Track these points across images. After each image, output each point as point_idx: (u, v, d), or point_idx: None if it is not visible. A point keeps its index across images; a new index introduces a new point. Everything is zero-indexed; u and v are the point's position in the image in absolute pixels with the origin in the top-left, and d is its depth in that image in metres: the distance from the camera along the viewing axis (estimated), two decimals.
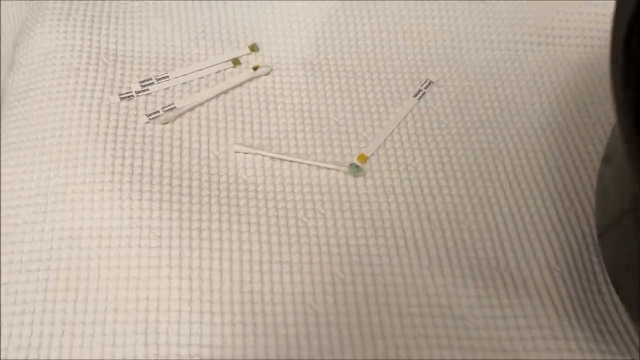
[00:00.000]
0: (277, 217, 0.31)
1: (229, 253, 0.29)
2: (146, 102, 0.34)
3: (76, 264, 0.29)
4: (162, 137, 0.33)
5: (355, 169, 0.33)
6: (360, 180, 0.33)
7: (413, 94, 0.36)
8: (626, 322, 0.29)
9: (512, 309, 0.28)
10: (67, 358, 0.26)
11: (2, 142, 0.34)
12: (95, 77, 0.35)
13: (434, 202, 0.32)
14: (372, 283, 0.29)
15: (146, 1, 0.39)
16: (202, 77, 0.36)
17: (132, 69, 0.36)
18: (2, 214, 0.30)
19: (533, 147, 0.34)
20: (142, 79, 0.35)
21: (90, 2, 0.38)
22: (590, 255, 0.30)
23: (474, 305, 0.29)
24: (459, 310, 0.28)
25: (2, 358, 0.27)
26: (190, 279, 0.29)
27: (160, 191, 0.31)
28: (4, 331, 0.27)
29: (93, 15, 0.37)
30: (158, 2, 0.38)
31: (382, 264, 0.30)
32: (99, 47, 0.36)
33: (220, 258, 0.29)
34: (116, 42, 0.37)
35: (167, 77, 0.35)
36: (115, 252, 0.29)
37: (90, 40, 0.36)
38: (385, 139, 0.34)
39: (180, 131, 0.34)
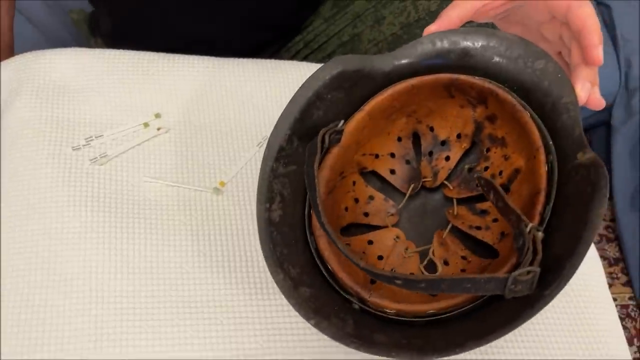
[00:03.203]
0: (167, 219, 0.53)
1: (138, 240, 0.51)
2: (89, 152, 0.56)
3: (47, 249, 0.50)
4: (99, 173, 0.55)
5: (217, 191, 0.55)
6: (220, 197, 0.55)
7: (256, 144, 0.59)
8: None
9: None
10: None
11: (3, 172, 0.54)
12: (56, 136, 0.56)
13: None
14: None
15: (90, 86, 0.60)
16: (124, 135, 0.58)
17: (79, 130, 0.57)
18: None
19: None
20: (86, 137, 0.57)
21: (51, 85, 0.59)
22: None
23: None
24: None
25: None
26: (116, 254, 0.50)
27: (98, 205, 0.52)
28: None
29: (54, 95, 0.59)
30: (95, 86, 0.60)
31: (228, 242, 0.52)
32: (57, 117, 0.57)
33: (133, 242, 0.51)
34: (69, 113, 0.58)
35: (102, 135, 0.57)
36: (71, 241, 0.50)
37: (52, 111, 0.57)
38: (237, 172, 0.57)
39: (110, 169, 0.55)
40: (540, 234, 0.39)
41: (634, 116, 1.22)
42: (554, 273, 0.38)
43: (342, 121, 0.48)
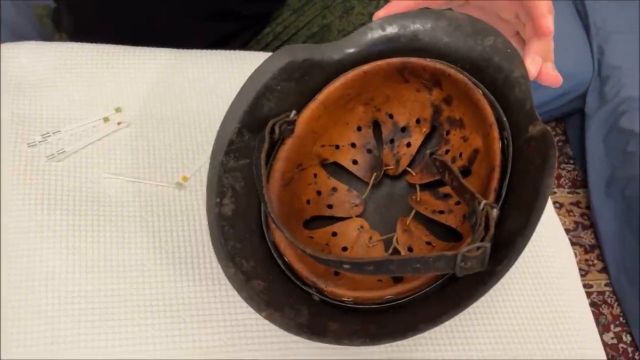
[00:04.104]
0: (128, 216, 0.52)
1: (97, 238, 0.50)
2: (45, 148, 0.54)
3: (3, 250, 0.48)
4: (57, 170, 0.53)
5: (179, 186, 0.54)
6: (182, 192, 0.54)
7: None
8: None
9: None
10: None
11: None
12: (10, 133, 0.54)
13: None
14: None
15: (48, 80, 0.58)
16: (84, 130, 0.56)
17: (35, 126, 0.55)
18: None
19: None
20: (43, 133, 0.55)
21: (7, 80, 0.57)
22: None
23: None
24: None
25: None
26: (74, 254, 0.49)
27: (55, 203, 0.51)
28: None
29: (9, 90, 0.57)
30: (53, 80, 0.58)
31: (191, 238, 0.51)
32: (12, 112, 0.55)
33: (92, 241, 0.49)
34: (24, 108, 0.56)
35: (60, 131, 0.55)
36: (27, 241, 0.49)
37: (7, 106, 0.56)
38: (200, 166, 0.55)
39: (69, 166, 0.53)
40: (494, 211, 0.39)
41: (607, 103, 1.22)
42: (506, 248, 0.38)
43: (294, 112, 0.47)
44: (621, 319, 1.19)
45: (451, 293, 0.40)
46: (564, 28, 1.20)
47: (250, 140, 0.46)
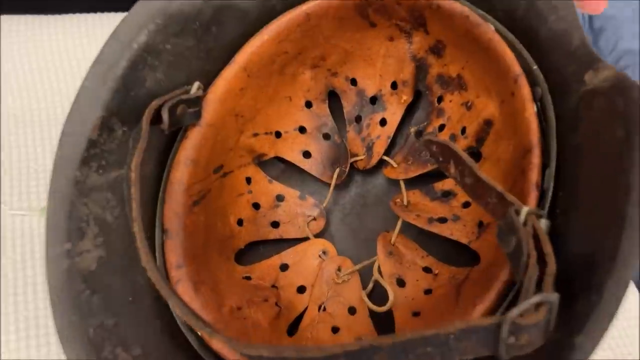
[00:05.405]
0: None
1: None
2: None
3: None
4: None
5: (45, 212, 0.36)
6: None
7: None
8: None
9: None
10: None
11: None
12: None
13: None
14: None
15: None
16: None
17: None
18: None
19: None
20: None
21: None
22: None
23: None
24: None
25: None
26: None
27: None
28: None
29: None
30: None
31: None
32: None
33: None
34: None
35: None
36: None
37: None
38: None
39: None
40: (543, 222, 0.22)
41: (604, 59, 1.07)
42: (585, 295, 0.21)
43: (197, 84, 0.29)
44: None
45: None
46: None
47: (125, 136, 0.29)
